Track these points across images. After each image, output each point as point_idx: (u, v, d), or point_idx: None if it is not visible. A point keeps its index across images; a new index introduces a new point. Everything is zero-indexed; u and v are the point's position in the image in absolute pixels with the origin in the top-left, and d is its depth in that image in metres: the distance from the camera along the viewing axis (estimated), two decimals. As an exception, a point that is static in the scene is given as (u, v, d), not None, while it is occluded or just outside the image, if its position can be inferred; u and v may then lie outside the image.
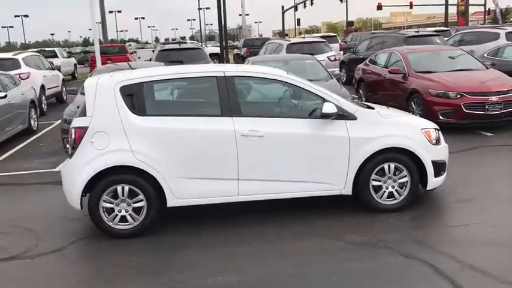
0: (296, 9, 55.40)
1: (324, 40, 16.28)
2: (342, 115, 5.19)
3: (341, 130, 5.20)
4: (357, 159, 5.22)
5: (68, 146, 8.28)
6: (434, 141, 5.46)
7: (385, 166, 5.31)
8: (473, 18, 61.61)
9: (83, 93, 9.28)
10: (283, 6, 57.34)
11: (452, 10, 50.86)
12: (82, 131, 4.99)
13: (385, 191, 5.37)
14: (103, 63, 19.90)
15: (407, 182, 5.37)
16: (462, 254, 4.32)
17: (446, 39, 16.81)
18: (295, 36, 63.14)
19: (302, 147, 5.18)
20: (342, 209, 5.52)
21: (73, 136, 5.02)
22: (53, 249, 4.94)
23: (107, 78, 5.24)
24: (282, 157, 5.16)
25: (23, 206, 6.43)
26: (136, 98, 5.07)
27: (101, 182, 4.95)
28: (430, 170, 5.37)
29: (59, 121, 13.16)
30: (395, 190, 5.38)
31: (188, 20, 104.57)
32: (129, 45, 49.94)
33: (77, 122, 5.09)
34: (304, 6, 52.42)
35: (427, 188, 5.46)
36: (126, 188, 4.99)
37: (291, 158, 5.18)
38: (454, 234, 4.83)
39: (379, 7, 56.82)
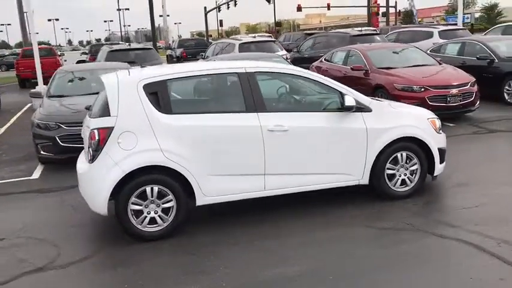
0: (219, 10, 55.49)
1: (274, 39, 16.59)
2: (360, 107, 5.40)
3: (359, 122, 5.40)
4: (374, 149, 5.45)
5: (43, 153, 7.88)
6: (438, 130, 5.83)
7: (398, 155, 5.59)
8: (384, 19, 65.14)
9: (50, 97, 8.89)
10: (205, 7, 57.23)
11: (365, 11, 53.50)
12: (107, 131, 4.78)
13: (398, 179, 5.65)
14: (31, 67, 18.88)
15: (417, 169, 5.69)
16: (490, 231, 4.67)
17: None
18: (218, 37, 63.29)
19: (324, 140, 5.32)
20: (356, 198, 5.72)
21: (96, 137, 4.79)
22: (80, 258, 4.69)
23: (127, 76, 5.07)
24: (306, 150, 5.28)
25: (18, 216, 6.00)
26: (161, 96, 4.94)
27: (130, 184, 4.78)
28: (436, 157, 5.73)
29: (4, 128, 12.39)
30: (407, 177, 5.68)
31: (105, 21, 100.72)
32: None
33: (99, 122, 4.86)
34: (228, 7, 52.63)
35: (434, 174, 5.81)
36: (155, 188, 4.86)
37: (314, 151, 5.31)
38: (471, 215, 5.16)
39: (299, 8, 58.48)
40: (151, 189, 4.85)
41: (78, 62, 27.39)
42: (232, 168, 5.08)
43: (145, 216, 4.89)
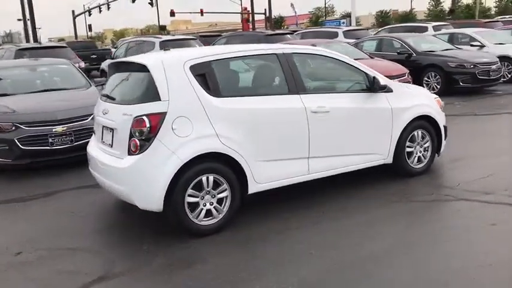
0: (90, 14, 52.69)
1: (194, 38, 16.23)
2: (387, 88, 5.55)
3: (384, 102, 5.54)
4: (397, 128, 5.63)
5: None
6: (442, 109, 6.21)
7: (415, 133, 5.84)
8: (258, 25, 67.60)
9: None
10: (73, 11, 53.99)
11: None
12: (159, 117, 4.29)
13: (415, 156, 5.89)
14: None
15: (429, 146, 6.00)
16: (517, 194, 5.12)
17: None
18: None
19: (358, 120, 5.37)
20: (373, 178, 5.80)
21: (147, 125, 4.27)
22: (139, 263, 4.10)
23: (170, 57, 4.61)
24: (344, 131, 5.28)
25: (8, 228, 5.11)
26: (208, 77, 4.58)
27: (187, 174, 4.35)
28: (443, 134, 6.10)
29: None
30: (422, 154, 5.96)
31: None
32: None
33: (148, 108, 4.33)
34: (100, 11, 50.21)
35: (441, 150, 6.17)
36: (211, 177, 4.48)
37: (351, 131, 5.33)
38: (493, 183, 5.50)
39: (172, 13, 57.91)
40: (207, 178, 4.47)
41: None
42: (281, 152, 4.89)
43: (202, 209, 4.49)
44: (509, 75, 13.53)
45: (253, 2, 45.02)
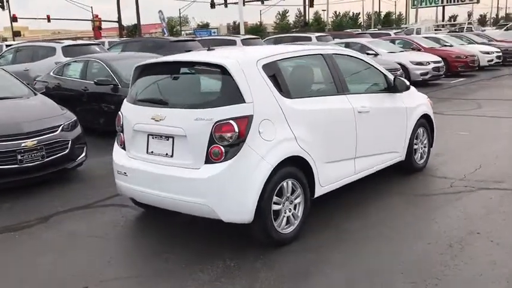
0: None
1: (98, 43, 14.94)
2: (402, 88, 5.82)
3: (400, 102, 5.80)
4: (409, 126, 5.93)
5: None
6: (432, 107, 6.69)
7: (419, 131, 6.20)
8: (108, 33, 64.96)
9: None
10: None
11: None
12: (247, 120, 3.94)
13: (419, 153, 6.25)
14: None
15: (426, 142, 6.42)
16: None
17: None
18: None
19: (388, 119, 5.56)
20: (383, 176, 5.96)
21: (236, 129, 3.89)
22: (247, 281, 3.70)
23: (243, 56, 4.27)
24: (379, 131, 5.40)
25: (46, 259, 4.23)
26: (279, 78, 4.34)
27: (272, 180, 4.06)
28: (435, 131, 6.58)
29: None
30: (423, 151, 6.34)
31: None
32: None
33: (232, 111, 3.93)
34: None
35: (432, 146, 6.63)
36: (290, 182, 4.26)
37: (383, 131, 5.48)
38: (493, 172, 6.08)
39: (15, 19, 52.96)
40: (287, 184, 4.24)
41: None
42: (338, 153, 4.83)
43: (283, 216, 4.23)
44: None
45: (120, 10, 42.91)
